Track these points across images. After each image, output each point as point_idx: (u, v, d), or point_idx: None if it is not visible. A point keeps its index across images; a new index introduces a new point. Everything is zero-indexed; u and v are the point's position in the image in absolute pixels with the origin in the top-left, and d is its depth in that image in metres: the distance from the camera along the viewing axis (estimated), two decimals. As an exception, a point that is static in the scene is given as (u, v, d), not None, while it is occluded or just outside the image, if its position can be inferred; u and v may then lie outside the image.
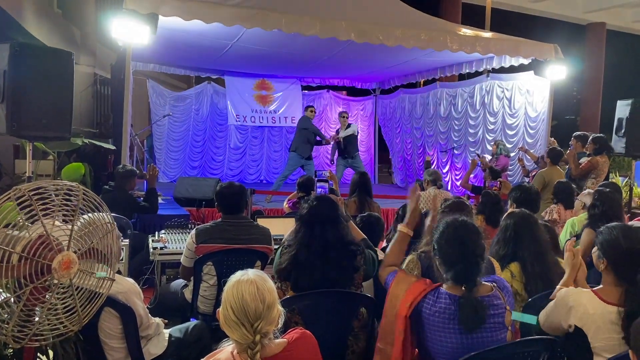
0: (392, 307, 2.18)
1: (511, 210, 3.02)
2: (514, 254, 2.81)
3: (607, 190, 4.06)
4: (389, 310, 2.20)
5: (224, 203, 3.55)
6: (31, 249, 1.81)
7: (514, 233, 2.86)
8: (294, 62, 9.35)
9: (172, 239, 4.23)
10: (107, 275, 2.18)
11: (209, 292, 3.41)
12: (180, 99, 10.74)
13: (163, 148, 10.52)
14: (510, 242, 2.86)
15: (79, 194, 1.95)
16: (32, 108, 4.19)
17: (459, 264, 2.06)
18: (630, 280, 2.16)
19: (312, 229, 2.67)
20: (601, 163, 6.32)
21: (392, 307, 2.18)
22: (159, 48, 7.67)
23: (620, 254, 2.19)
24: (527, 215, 2.96)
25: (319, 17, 6.31)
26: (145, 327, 2.63)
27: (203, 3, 5.87)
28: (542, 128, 7.99)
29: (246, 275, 1.69)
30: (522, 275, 2.74)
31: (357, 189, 5.25)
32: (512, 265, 2.79)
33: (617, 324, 2.11)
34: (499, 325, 2.06)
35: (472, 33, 7.35)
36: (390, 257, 2.47)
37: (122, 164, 5.63)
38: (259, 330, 1.63)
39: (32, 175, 4.64)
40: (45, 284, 1.87)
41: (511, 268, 2.78)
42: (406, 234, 2.51)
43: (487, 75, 8.95)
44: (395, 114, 11.72)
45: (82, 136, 6.84)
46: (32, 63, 4.17)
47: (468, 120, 9.51)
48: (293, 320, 2.49)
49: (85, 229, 2.07)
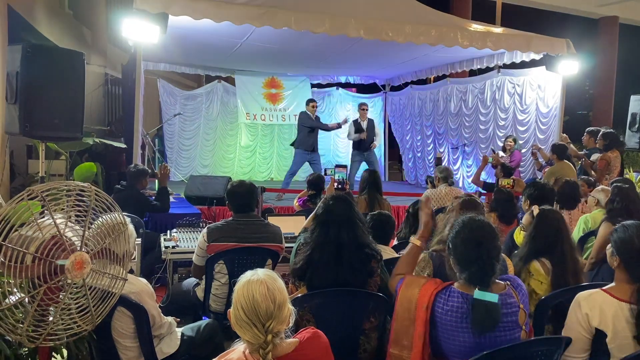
0: (404, 311, 2.15)
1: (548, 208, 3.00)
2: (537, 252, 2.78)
3: (625, 186, 4.03)
4: (402, 314, 2.17)
5: (235, 202, 3.56)
6: (44, 250, 1.82)
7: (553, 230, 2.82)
8: (304, 59, 9.34)
9: (183, 237, 4.25)
10: (121, 275, 2.20)
11: (221, 290, 3.43)
12: (190, 98, 10.79)
13: (174, 147, 10.58)
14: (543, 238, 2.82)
15: (91, 194, 1.97)
16: (44, 109, 4.23)
17: (474, 265, 2.03)
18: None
19: (328, 229, 2.65)
20: (612, 159, 6.29)
21: (404, 310, 2.15)
22: (170, 47, 7.71)
23: (634, 253, 2.19)
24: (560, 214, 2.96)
25: (329, 15, 6.30)
26: (158, 326, 2.65)
27: (212, 2, 5.88)
28: (554, 124, 7.91)
29: (256, 275, 1.69)
30: (540, 272, 2.72)
31: (367, 186, 5.23)
32: (534, 264, 2.77)
33: (631, 322, 2.10)
34: (512, 324, 2.03)
35: (482, 29, 7.29)
36: (400, 267, 2.44)
37: (134, 163, 5.67)
38: (270, 330, 1.62)
39: (45, 176, 4.68)
40: (58, 284, 1.89)
41: (531, 267, 2.77)
42: (418, 247, 2.49)
43: (497, 71, 8.88)
44: (405, 111, 11.67)
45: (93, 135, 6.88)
46: (44, 64, 4.21)
47: (479, 117, 9.44)
48: (305, 318, 2.49)
49: (98, 230, 2.08)
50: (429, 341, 2.10)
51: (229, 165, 11.16)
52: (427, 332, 2.08)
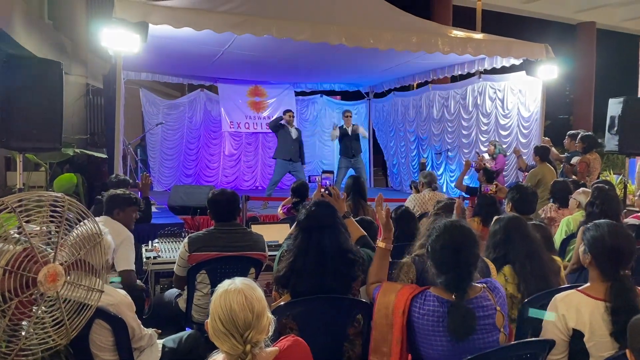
0: (382, 317, 2.14)
1: (497, 217, 3.01)
2: (505, 257, 2.79)
3: (606, 188, 4.05)
4: (380, 321, 2.16)
5: (216, 210, 3.53)
6: (15, 262, 1.77)
7: (504, 236, 2.84)
8: (287, 67, 9.35)
9: (165, 247, 4.20)
10: (97, 287, 2.15)
11: (203, 300, 3.38)
12: (173, 107, 10.72)
13: (157, 156, 10.47)
14: (500, 245, 2.84)
15: (64, 204, 1.92)
16: (21, 119, 4.17)
17: (451, 272, 2.03)
18: (614, 276, 2.17)
19: (310, 235, 2.63)
20: (592, 160, 6.37)
21: (382, 317, 2.14)
22: (151, 56, 7.66)
23: (605, 250, 2.20)
24: (515, 217, 2.95)
25: (310, 22, 6.31)
26: (138, 338, 2.59)
27: (193, 10, 5.85)
28: (535, 128, 8.00)
29: (234, 284, 1.66)
30: (514, 276, 2.72)
31: (351, 192, 5.22)
32: (505, 269, 2.77)
33: (607, 319, 2.11)
34: (489, 327, 2.03)
35: (463, 35, 7.36)
36: (373, 275, 2.44)
37: (115, 174, 5.60)
38: (249, 340, 1.59)
39: (24, 187, 4.61)
40: (31, 297, 1.84)
41: (504, 271, 2.76)
42: (385, 249, 2.48)
43: (479, 76, 8.96)
44: (389, 117, 11.73)
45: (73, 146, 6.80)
46: (21, 74, 4.15)
47: (461, 122, 9.51)
48: (288, 326, 2.46)
49: (72, 241, 2.03)
50: (407, 347, 2.09)
51: (213, 175, 11.09)
52: (404, 337, 2.07)
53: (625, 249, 2.20)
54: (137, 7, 5.61)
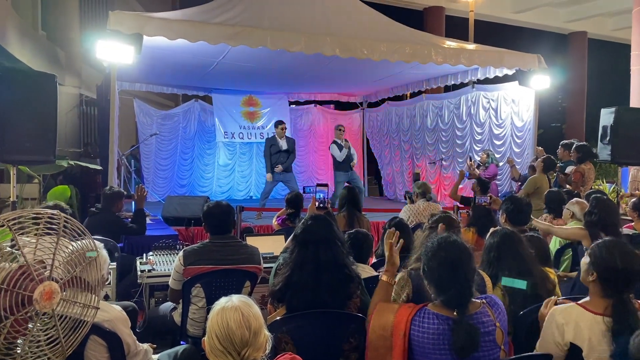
0: (379, 339, 2.11)
1: (493, 230, 3.00)
2: (497, 277, 2.78)
3: (604, 197, 4.07)
4: (376, 342, 2.12)
5: (211, 223, 3.51)
6: (11, 280, 1.76)
7: (497, 254, 2.83)
8: (281, 77, 9.37)
9: (160, 260, 4.17)
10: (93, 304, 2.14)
11: (198, 314, 3.36)
12: (167, 118, 10.71)
13: (151, 167, 10.45)
14: (493, 264, 2.83)
15: (60, 222, 1.92)
16: (15, 132, 4.15)
17: (451, 289, 2.01)
18: (618, 294, 2.15)
19: (306, 249, 2.62)
20: (587, 170, 6.40)
21: (378, 338, 2.11)
22: (145, 67, 7.66)
23: (612, 271, 2.16)
24: (509, 234, 2.91)
25: (304, 33, 6.34)
26: (133, 354, 2.57)
27: (187, 22, 5.87)
28: (528, 137, 8.05)
29: (230, 301, 1.66)
30: (505, 296, 2.72)
31: (345, 203, 5.22)
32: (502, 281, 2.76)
33: (607, 335, 2.10)
34: (490, 344, 2.02)
35: (456, 45, 7.42)
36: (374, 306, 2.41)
37: (109, 186, 5.57)
38: (246, 358, 1.59)
39: (17, 200, 4.58)
40: (26, 315, 1.82)
41: (500, 285, 2.76)
42: (387, 282, 2.46)
43: (472, 86, 9.02)
44: (383, 127, 11.77)
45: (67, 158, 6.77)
46: (15, 87, 4.14)
47: (455, 132, 9.56)
48: (283, 340, 2.45)
49: (68, 258, 2.02)
50: None
51: (207, 185, 11.06)
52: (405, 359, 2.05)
53: (635, 273, 2.16)
54: (131, 19, 5.62)
